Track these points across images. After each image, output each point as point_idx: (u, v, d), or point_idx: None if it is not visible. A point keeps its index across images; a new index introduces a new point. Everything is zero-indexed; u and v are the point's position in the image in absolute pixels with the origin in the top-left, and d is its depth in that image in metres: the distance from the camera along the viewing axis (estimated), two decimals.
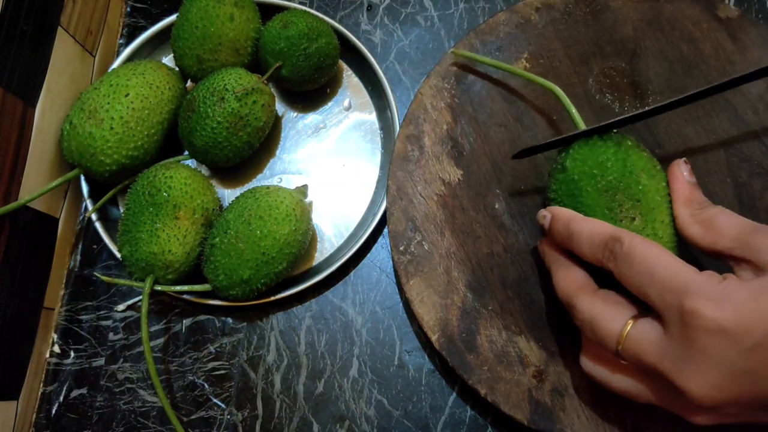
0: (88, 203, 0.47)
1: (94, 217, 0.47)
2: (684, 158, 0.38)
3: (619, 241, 0.33)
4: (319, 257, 0.48)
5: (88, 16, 0.51)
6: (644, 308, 0.34)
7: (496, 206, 0.45)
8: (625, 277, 0.33)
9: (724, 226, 0.34)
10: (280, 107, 0.52)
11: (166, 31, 0.51)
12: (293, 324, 0.47)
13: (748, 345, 0.28)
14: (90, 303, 0.48)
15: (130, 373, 0.46)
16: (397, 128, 0.48)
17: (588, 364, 0.37)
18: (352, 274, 0.48)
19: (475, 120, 0.47)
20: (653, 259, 0.32)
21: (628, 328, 0.33)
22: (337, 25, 0.50)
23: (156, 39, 0.52)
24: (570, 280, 0.37)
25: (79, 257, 0.49)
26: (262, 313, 0.47)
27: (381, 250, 0.48)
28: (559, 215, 0.38)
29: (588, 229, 0.35)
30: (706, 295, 0.30)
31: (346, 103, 0.52)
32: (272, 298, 0.45)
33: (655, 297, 0.32)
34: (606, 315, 0.34)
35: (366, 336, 0.46)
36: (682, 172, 0.38)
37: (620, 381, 0.35)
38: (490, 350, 0.42)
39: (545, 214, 0.39)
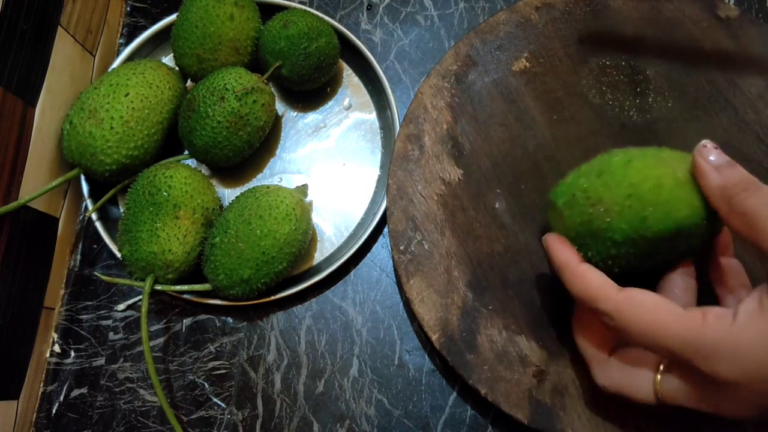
0: (88, 203, 0.47)
1: (94, 216, 0.47)
2: (704, 141, 0.33)
3: (607, 316, 0.32)
4: (319, 257, 0.48)
5: (88, 15, 0.51)
6: None
7: (497, 206, 0.45)
8: (628, 339, 0.32)
9: (766, 220, 0.30)
10: (280, 107, 0.52)
11: (166, 31, 0.51)
12: (293, 323, 0.47)
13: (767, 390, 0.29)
14: (90, 303, 0.48)
15: (131, 373, 0.46)
16: (397, 128, 0.48)
17: (604, 377, 0.36)
18: (352, 273, 0.48)
19: (476, 119, 0.47)
20: (652, 328, 0.31)
21: (659, 381, 0.32)
22: (337, 24, 0.50)
23: (156, 38, 0.51)
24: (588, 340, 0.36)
25: (79, 257, 0.49)
26: (263, 312, 0.47)
27: (381, 249, 0.48)
28: (552, 257, 0.36)
29: (576, 289, 0.34)
30: (716, 354, 0.29)
31: (346, 102, 0.52)
32: (272, 298, 0.45)
33: (669, 357, 0.32)
34: (632, 381, 0.34)
35: (366, 335, 0.46)
36: (704, 158, 0.33)
37: (641, 389, 0.34)
38: (491, 350, 0.42)
39: (545, 245, 0.37)
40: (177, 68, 0.48)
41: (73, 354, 0.47)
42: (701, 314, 0.31)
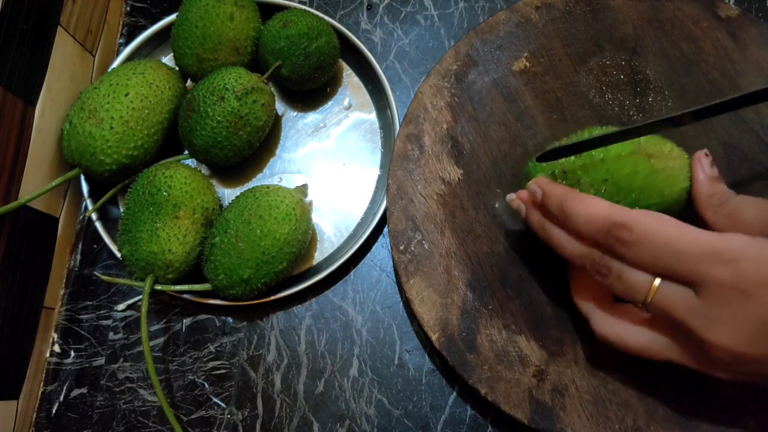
0: (88, 203, 0.47)
1: (94, 216, 0.47)
2: (704, 150, 0.37)
3: (625, 228, 0.32)
4: (319, 257, 0.48)
5: (87, 15, 0.51)
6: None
7: (497, 205, 0.45)
8: (640, 260, 0.32)
9: (750, 216, 0.34)
10: (280, 107, 0.52)
11: (165, 31, 0.51)
12: (293, 323, 0.47)
13: None
14: (90, 302, 0.48)
15: (131, 373, 0.46)
16: (397, 127, 0.48)
17: (604, 325, 0.36)
18: (352, 273, 0.48)
19: (475, 119, 0.47)
20: (674, 235, 0.31)
21: (657, 283, 0.32)
22: (337, 24, 0.50)
23: (156, 38, 0.51)
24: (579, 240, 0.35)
25: (79, 257, 0.49)
26: (262, 312, 0.47)
27: (381, 249, 0.48)
28: (551, 192, 0.36)
29: (585, 213, 0.33)
30: (744, 257, 0.29)
31: (346, 102, 0.52)
32: (272, 298, 0.45)
33: (686, 271, 0.31)
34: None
35: (366, 335, 0.46)
36: (702, 168, 0.37)
37: (639, 337, 0.34)
38: (491, 350, 0.42)
39: (535, 189, 0.37)
40: (177, 68, 0.48)
41: (73, 354, 0.47)
42: (716, 234, 0.31)
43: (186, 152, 0.48)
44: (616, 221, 0.32)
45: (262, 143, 0.49)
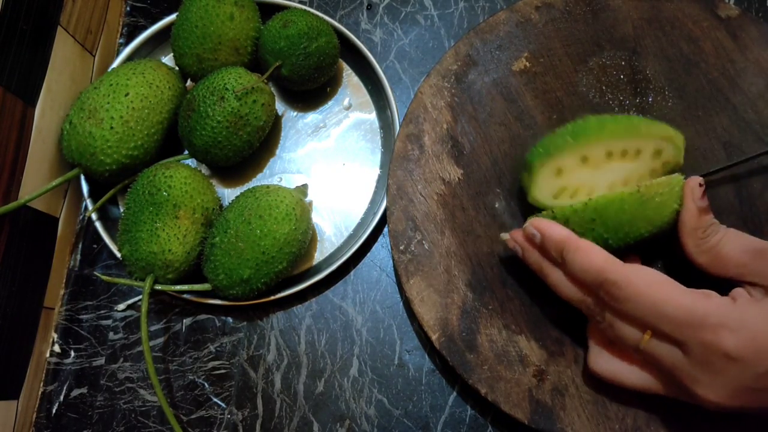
0: (88, 203, 0.47)
1: (94, 216, 0.47)
2: (700, 179, 0.38)
3: (616, 286, 0.33)
4: (319, 257, 0.48)
5: (87, 15, 0.51)
6: None
7: (497, 205, 0.45)
8: (630, 316, 0.34)
9: (729, 253, 0.35)
10: (280, 106, 0.52)
11: (165, 31, 0.51)
12: (293, 323, 0.47)
13: (763, 369, 0.31)
14: (90, 302, 0.48)
15: (131, 373, 0.46)
16: (397, 127, 0.48)
17: (598, 363, 0.37)
18: (352, 273, 0.48)
19: (475, 119, 0.47)
20: (660, 298, 0.32)
21: (647, 337, 0.34)
22: (336, 24, 0.50)
23: (156, 38, 0.51)
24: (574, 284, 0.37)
25: (79, 257, 0.49)
26: (262, 312, 0.47)
27: (381, 249, 0.48)
28: (549, 236, 0.37)
29: (580, 262, 0.35)
30: (724, 325, 0.31)
31: (346, 102, 0.52)
32: (272, 298, 0.45)
33: (670, 331, 0.32)
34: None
35: (366, 335, 0.46)
36: (692, 197, 0.37)
37: (633, 377, 0.36)
38: (491, 349, 0.42)
39: (533, 232, 0.38)
40: (177, 68, 0.48)
41: (73, 354, 0.47)
42: (703, 293, 0.33)
43: (186, 152, 0.48)
44: (608, 278, 0.34)
45: (262, 143, 0.49)
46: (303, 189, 0.48)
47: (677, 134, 0.41)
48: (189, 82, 0.50)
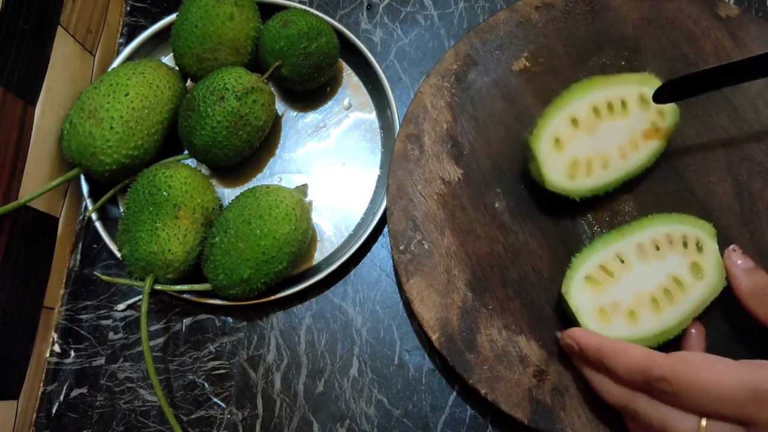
0: (88, 203, 0.47)
1: (94, 216, 0.47)
2: (733, 246, 0.38)
3: (663, 380, 0.32)
4: (319, 257, 0.48)
5: (87, 15, 0.51)
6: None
7: (496, 205, 0.45)
8: (685, 407, 0.32)
9: None
10: (280, 106, 0.52)
11: (165, 31, 0.51)
12: (293, 323, 0.47)
13: None
14: (90, 302, 0.48)
15: (131, 373, 0.46)
16: (397, 127, 0.48)
17: None
18: (352, 273, 0.48)
19: (475, 119, 0.47)
20: (713, 382, 0.31)
21: (704, 423, 0.32)
22: (336, 24, 0.50)
23: (156, 38, 0.51)
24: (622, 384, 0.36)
25: (79, 257, 0.49)
26: (262, 312, 0.47)
27: (381, 249, 0.48)
28: (585, 345, 0.37)
29: (623, 365, 0.34)
30: None
31: (345, 102, 0.52)
32: (272, 298, 0.45)
33: (734, 415, 0.31)
34: (677, 415, 0.33)
35: (366, 335, 0.46)
36: (735, 262, 0.37)
37: None
38: (491, 349, 0.42)
39: (570, 343, 0.38)
40: (177, 68, 0.48)
41: (73, 354, 0.47)
42: (756, 363, 0.32)
43: (186, 152, 0.48)
44: (654, 375, 0.33)
45: (262, 143, 0.49)
46: (303, 189, 0.48)
47: (650, 76, 0.42)
48: (189, 82, 0.50)
